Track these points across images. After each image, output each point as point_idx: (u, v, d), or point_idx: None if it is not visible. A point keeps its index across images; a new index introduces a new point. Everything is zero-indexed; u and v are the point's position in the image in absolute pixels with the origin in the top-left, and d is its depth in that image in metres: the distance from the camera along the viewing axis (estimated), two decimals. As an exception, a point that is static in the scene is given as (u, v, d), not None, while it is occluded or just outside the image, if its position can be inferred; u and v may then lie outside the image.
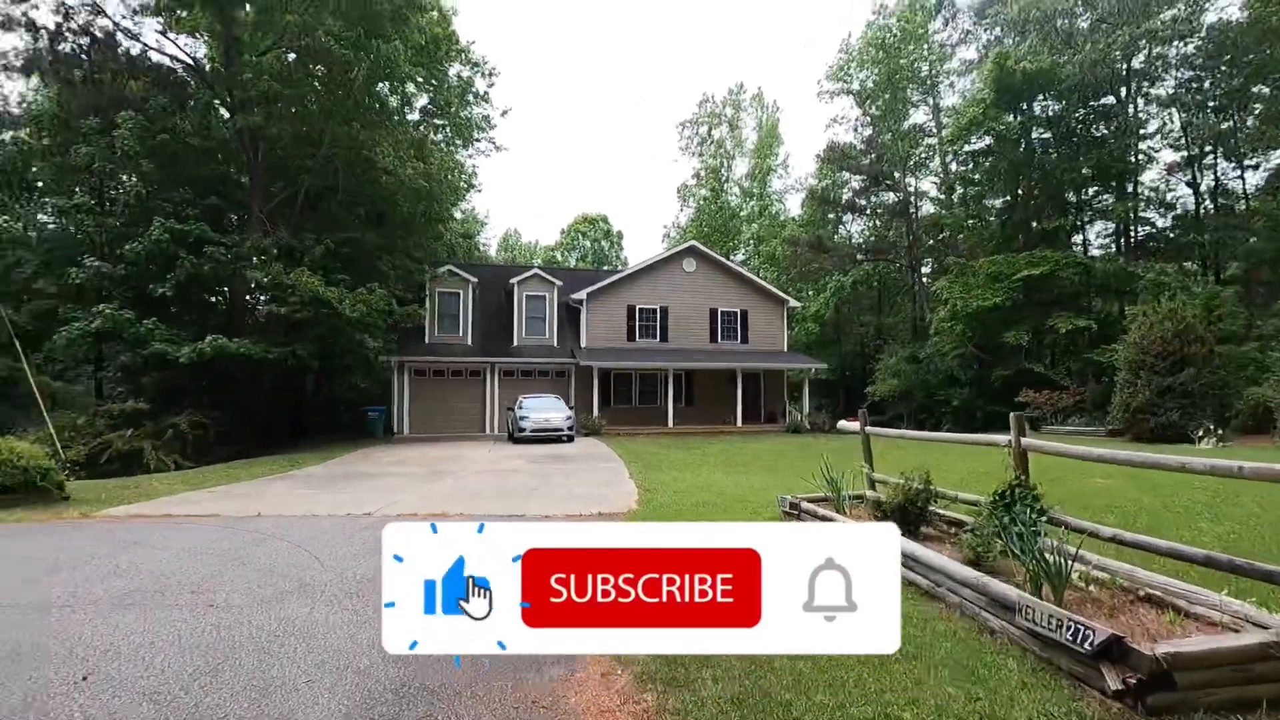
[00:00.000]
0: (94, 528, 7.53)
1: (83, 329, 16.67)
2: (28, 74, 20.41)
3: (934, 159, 37.36)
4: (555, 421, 19.81)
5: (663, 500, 9.22)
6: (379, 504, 8.90)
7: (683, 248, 28.76)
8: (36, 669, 3.56)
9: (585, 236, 63.02)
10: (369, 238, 21.24)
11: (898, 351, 32.03)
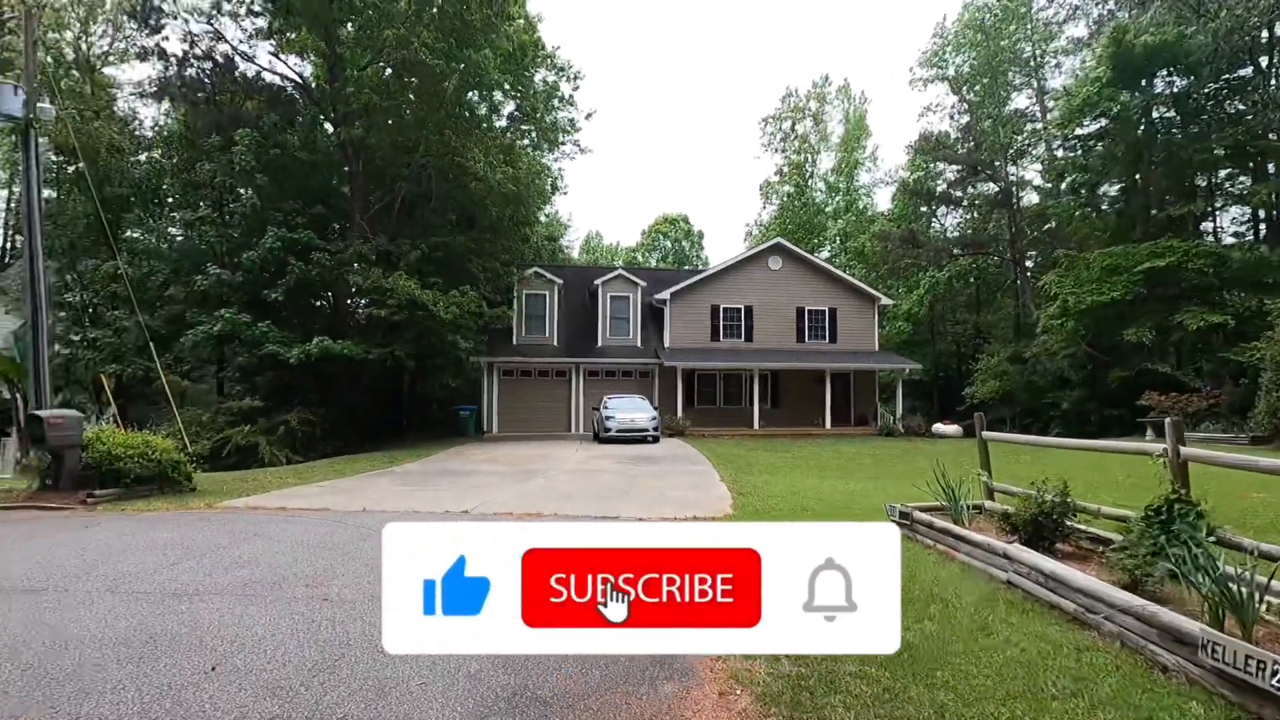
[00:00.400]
0: (217, 518, 7.98)
1: (206, 332, 17.99)
2: (159, 99, 22.28)
3: (1038, 145, 34.99)
4: (640, 422, 19.75)
5: (758, 505, 8.91)
6: (474, 502, 9.04)
7: (768, 245, 28.13)
8: (171, 657, 3.69)
9: (666, 237, 62.96)
10: (460, 241, 21.92)
11: (999, 351, 30.13)
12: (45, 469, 9.36)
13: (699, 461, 14.92)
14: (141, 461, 9.51)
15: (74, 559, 5.94)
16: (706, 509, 8.57)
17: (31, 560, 5.91)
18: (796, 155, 53.21)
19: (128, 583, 5.16)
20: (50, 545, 6.53)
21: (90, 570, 5.54)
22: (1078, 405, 25.92)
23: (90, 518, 8.01)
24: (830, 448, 19.34)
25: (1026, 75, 35.55)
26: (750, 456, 16.27)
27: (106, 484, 9.34)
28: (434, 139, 20.35)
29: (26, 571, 5.51)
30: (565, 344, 26.25)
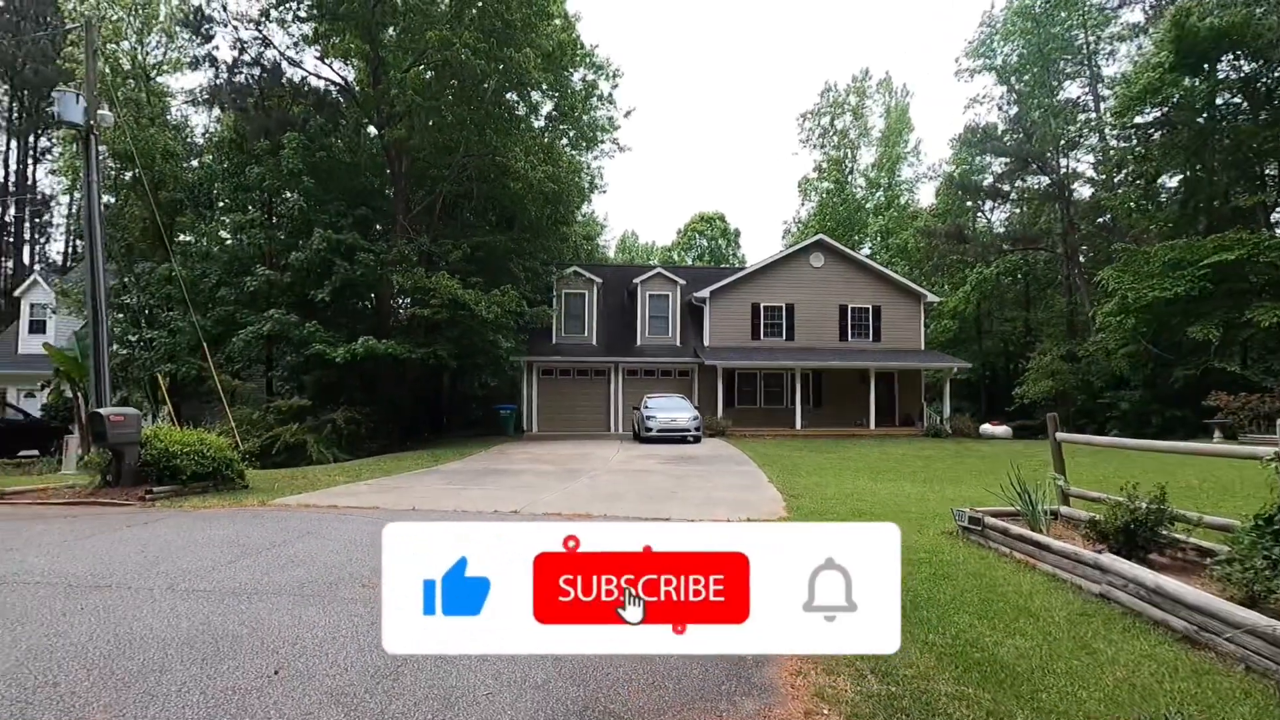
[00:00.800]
0: (270, 516, 8.03)
1: (255, 332, 18.36)
2: (211, 106, 22.88)
3: (1090, 136, 33.69)
4: (682, 422, 19.54)
5: (811, 507, 8.62)
6: (522, 501, 8.95)
7: (809, 242, 27.66)
8: (234, 659, 3.62)
9: (702, 235, 62.52)
10: (500, 241, 22.00)
11: (1051, 350, 29.05)
12: (106, 466, 9.58)
13: (744, 462, 14.64)
14: (197, 459, 9.67)
15: (135, 555, 5.99)
16: (758, 511, 8.32)
17: (96, 556, 5.98)
18: (836, 151, 52.35)
19: (188, 580, 5.16)
20: (113, 541, 6.62)
21: (151, 567, 5.57)
22: (1138, 406, 24.81)
23: (149, 514, 8.14)
24: (876, 449, 18.84)
25: (1078, 64, 34.25)
26: (795, 457, 15.92)
27: (163, 481, 9.52)
28: (474, 139, 20.44)
29: (91, 568, 5.56)
30: (604, 343, 26.18)
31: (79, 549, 6.30)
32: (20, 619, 4.29)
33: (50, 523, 7.65)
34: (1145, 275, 23.61)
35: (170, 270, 18.84)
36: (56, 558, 5.93)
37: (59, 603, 4.64)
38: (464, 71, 18.65)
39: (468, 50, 17.90)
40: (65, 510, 8.53)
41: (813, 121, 53.42)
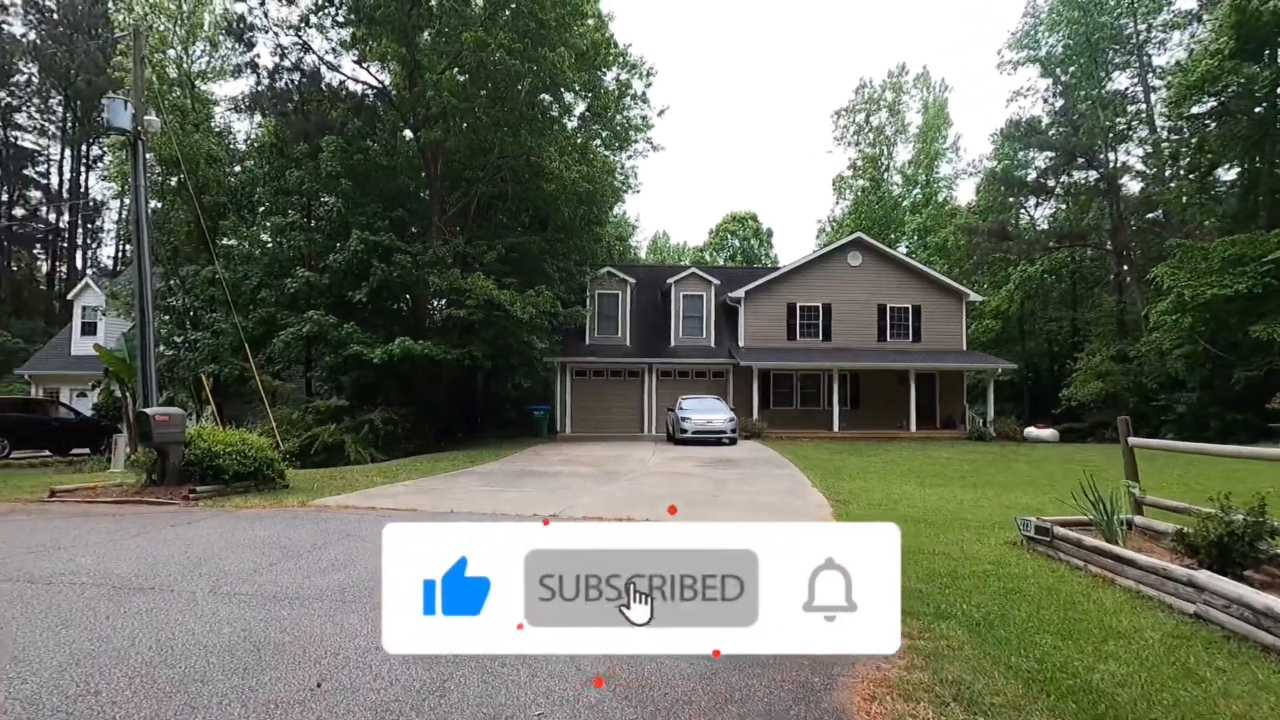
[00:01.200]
0: (310, 517, 8.00)
1: (295, 333, 18.60)
2: (252, 111, 23.31)
3: (1140, 128, 32.41)
4: (717, 423, 19.24)
5: (860, 513, 8.28)
6: (560, 505, 8.78)
7: (847, 240, 27.11)
8: (276, 669, 3.49)
9: (734, 235, 61.99)
10: (534, 242, 21.96)
11: (1100, 350, 27.99)
12: (152, 465, 9.69)
13: (783, 465, 14.30)
14: (239, 459, 9.73)
15: (179, 556, 5.97)
16: (805, 517, 8.02)
17: (140, 557, 5.97)
18: (871, 148, 51.46)
19: (229, 583, 5.09)
20: (157, 541, 6.62)
21: (194, 569, 5.52)
22: (1195, 409, 23.73)
23: (192, 513, 8.18)
24: (919, 452, 18.30)
25: (1127, 54, 32.98)
26: (835, 460, 15.51)
27: (206, 480, 9.59)
28: (509, 140, 20.43)
29: (135, 569, 5.54)
30: (638, 344, 26.00)
31: (124, 549, 6.30)
32: (66, 621, 4.24)
33: (98, 521, 7.72)
34: (1203, 272, 22.56)
35: (214, 272, 19.20)
36: (103, 557, 5.93)
37: (104, 605, 4.59)
38: (499, 72, 18.64)
39: (503, 50, 17.89)
40: (113, 509, 8.63)
41: (847, 118, 52.60)
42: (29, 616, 4.32)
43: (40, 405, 21.05)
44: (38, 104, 44.68)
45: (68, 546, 6.40)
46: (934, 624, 4.11)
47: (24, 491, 10.25)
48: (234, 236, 22.68)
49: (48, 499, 9.32)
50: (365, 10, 19.68)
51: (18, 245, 46.05)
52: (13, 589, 4.96)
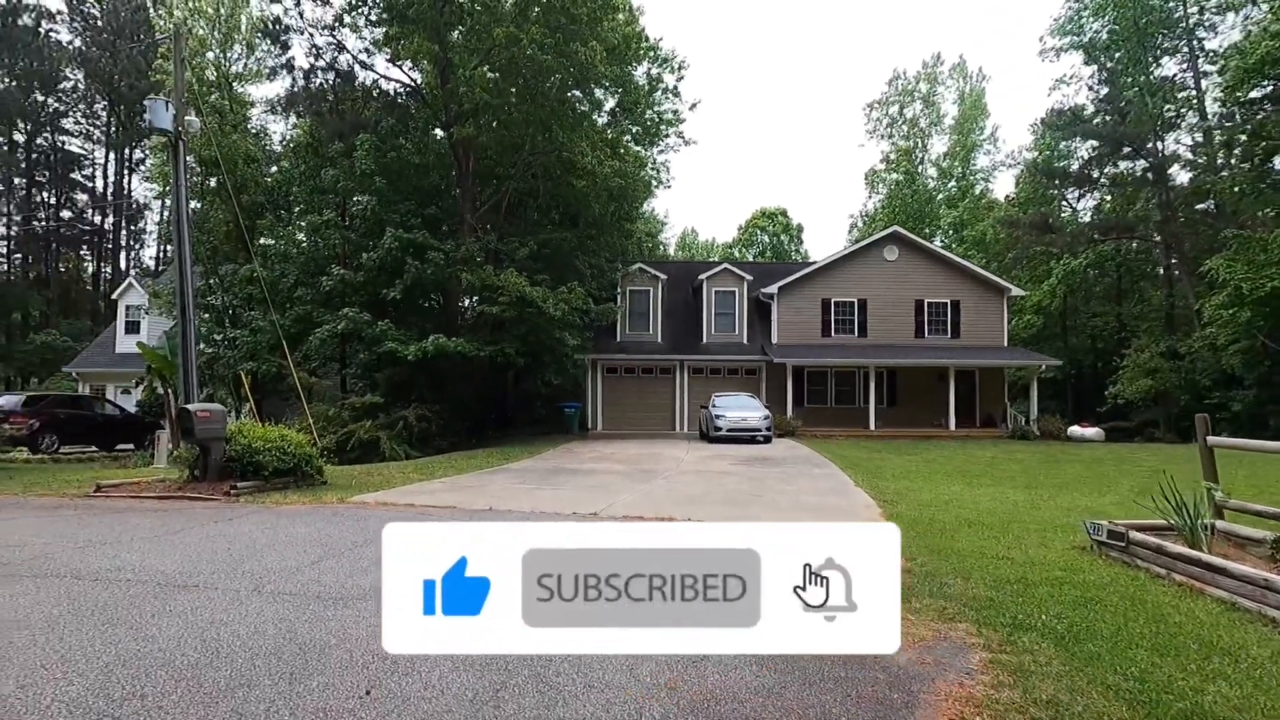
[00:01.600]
0: (350, 514, 7.94)
1: (330, 330, 18.76)
2: (288, 110, 23.61)
3: (1189, 115, 31.12)
4: (752, 421, 18.93)
5: (910, 514, 7.94)
6: (600, 503, 8.61)
7: (883, 234, 26.52)
8: (323, 674, 3.36)
9: (764, 231, 61.29)
10: (566, 238, 21.86)
11: (1149, 346, 26.97)
12: (194, 461, 9.76)
13: (822, 464, 13.96)
14: (278, 455, 9.75)
15: (221, 553, 5.92)
16: (852, 518, 7.72)
17: (184, 553, 5.94)
18: (905, 141, 50.48)
19: (272, 582, 5.01)
20: (200, 538, 6.60)
21: (236, 566, 5.46)
22: (1252, 407, 22.74)
23: (234, 510, 8.18)
24: (960, 451, 17.78)
25: (1176, 38, 31.69)
26: (876, 460, 15.11)
27: (247, 476, 9.62)
28: (540, 136, 20.36)
29: (179, 566, 5.49)
30: (669, 341, 25.78)
31: (168, 545, 6.29)
32: (112, 620, 4.17)
33: (143, 516, 7.76)
34: (1262, 264, 21.56)
35: (252, 271, 19.46)
36: (147, 554, 5.91)
37: (149, 603, 4.53)
38: (530, 68, 18.55)
39: (534, 46, 17.77)
40: (156, 504, 8.69)
41: (880, 111, 51.68)
42: (76, 614, 4.27)
43: (87, 402, 21.58)
44: (83, 109, 46.01)
45: (113, 542, 6.41)
46: (1014, 636, 3.83)
47: (71, 486, 10.41)
48: (270, 236, 23.00)
49: (94, 494, 9.44)
50: (398, 8, 19.73)
51: (65, 247, 47.50)
52: (60, 586, 4.94)
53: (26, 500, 9.11)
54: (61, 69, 43.12)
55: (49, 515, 8.00)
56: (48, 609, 4.38)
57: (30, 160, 43.41)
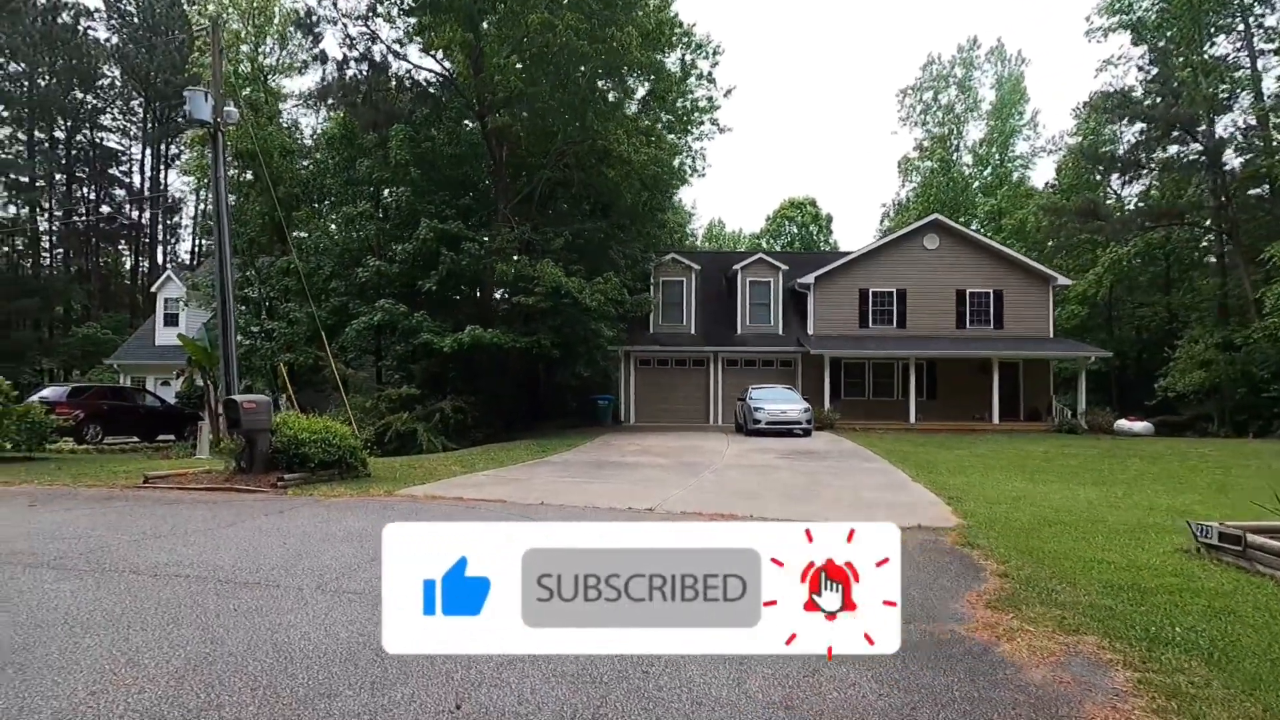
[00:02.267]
0: (401, 507, 7.77)
1: (366, 322, 18.72)
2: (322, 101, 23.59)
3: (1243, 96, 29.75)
4: (792, 414, 18.54)
5: (982, 512, 7.52)
6: (653, 498, 8.33)
7: (924, 222, 25.84)
8: (406, 685, 3.12)
9: (792, 221, 60.35)
10: (600, 228, 21.55)
11: (1202, 337, 25.94)
12: (240, 452, 9.68)
13: (870, 458, 13.55)
14: (324, 447, 9.63)
15: (277, 548, 5.76)
16: (923, 516, 7.32)
17: (240, 548, 5.79)
18: (939, 127, 49.20)
19: (334, 579, 4.81)
20: (253, 531, 6.46)
21: (295, 563, 5.28)
22: (1316, 400, 21.75)
23: (283, 502, 8.06)
24: (1010, 446, 17.17)
25: (1230, 15, 30.29)
26: (924, 454, 14.62)
27: (293, 468, 9.52)
28: (574, 125, 20.06)
29: (237, 560, 5.33)
30: (703, 332, 25.40)
31: (223, 539, 6.15)
32: (175, 619, 3.99)
33: (193, 509, 7.66)
34: (1328, 250, 20.56)
35: (289, 263, 19.49)
36: (203, 548, 5.77)
37: (210, 600, 4.35)
38: (565, 53, 18.23)
39: (570, 31, 17.44)
40: (205, 496, 8.61)
41: (913, 97, 50.46)
42: (140, 613, 4.10)
43: (130, 393, 21.88)
44: (120, 105, 46.77)
45: (167, 535, 6.29)
46: (1154, 652, 3.46)
47: (119, 477, 10.41)
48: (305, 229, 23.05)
49: (143, 485, 9.41)
50: (430, -2, 19.53)
51: (104, 242, 48.45)
52: (120, 581, 4.79)
53: (78, 491, 9.09)
54: (99, 66, 43.82)
55: (101, 506, 7.95)
56: (110, 606, 4.22)
57: (70, 156, 44.27)
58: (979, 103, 47.93)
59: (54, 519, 7.15)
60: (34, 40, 39.96)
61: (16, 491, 9.13)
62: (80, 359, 35.75)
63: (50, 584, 4.70)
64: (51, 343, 38.87)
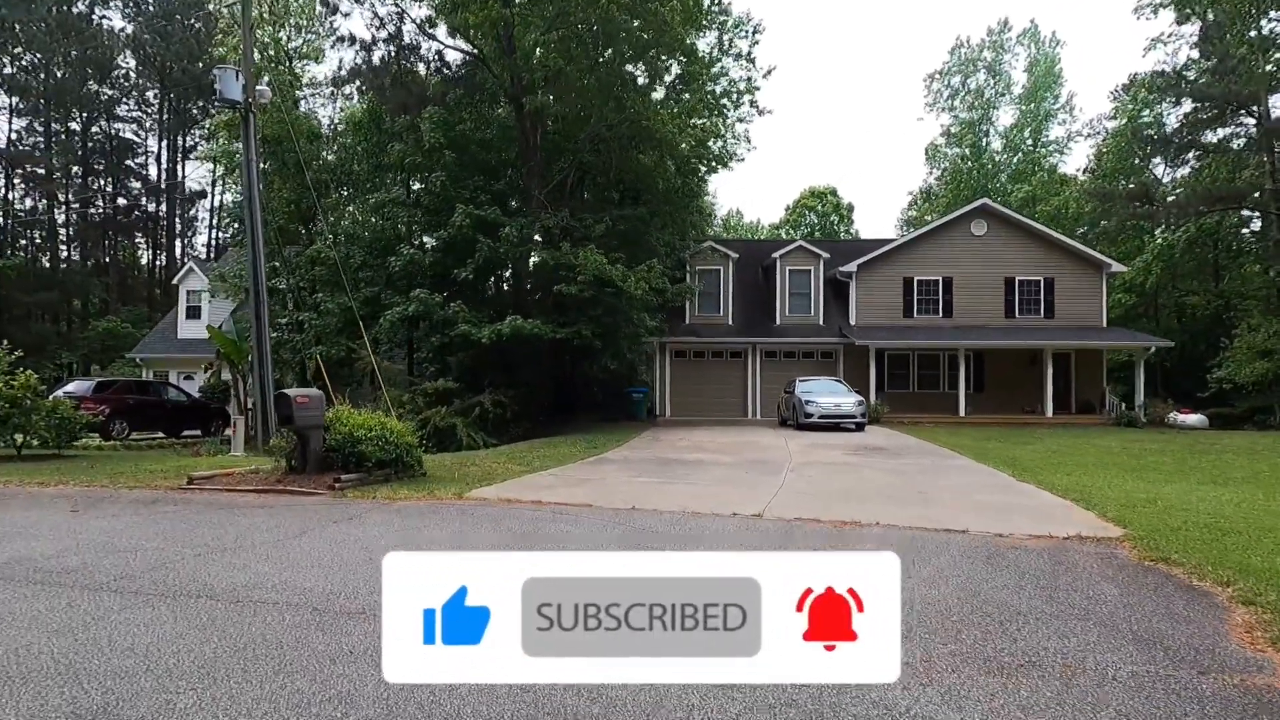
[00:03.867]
0: (479, 512, 7.03)
1: (401, 313, 18.00)
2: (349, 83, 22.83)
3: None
4: (846, 407, 17.73)
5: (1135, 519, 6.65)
6: (757, 502, 7.51)
7: (970, 208, 24.90)
8: None
9: (812, 211, 59.22)
10: (640, 214, 20.69)
11: (1264, 325, 24.87)
12: (292, 450, 8.97)
13: (948, 455, 12.72)
14: (380, 445, 8.90)
15: (364, 564, 5.00)
16: (1068, 523, 6.47)
17: (321, 564, 5.05)
18: (968, 113, 47.95)
19: (450, 607, 4.04)
20: (327, 542, 5.72)
21: (394, 584, 4.51)
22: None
23: (346, 506, 7.33)
24: (1077, 439, 16.29)
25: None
26: (999, 449, 13.74)
27: (349, 468, 8.80)
28: (609, 107, 19.20)
29: (326, 582, 4.58)
30: (740, 322, 24.59)
31: (297, 552, 5.40)
32: (284, 665, 3.22)
33: (251, 515, 6.95)
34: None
35: (319, 252, 18.80)
36: (280, 565, 5.03)
37: (315, 637, 3.59)
38: (606, 28, 17.38)
39: (614, 4, 16.56)
40: (258, 500, 7.90)
41: (941, 82, 49.30)
42: (237, 655, 3.34)
43: (155, 387, 21.29)
44: (136, 96, 46.22)
45: (233, 548, 5.56)
46: None
47: (159, 477, 9.74)
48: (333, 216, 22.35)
49: (187, 486, 8.71)
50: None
51: (121, 235, 48.03)
52: (198, 609, 4.05)
53: (118, 493, 8.41)
54: (114, 56, 43.26)
55: (148, 511, 7.25)
56: (197, 647, 3.46)
57: (86, 148, 43.79)
58: (1010, 86, 46.63)
59: (101, 527, 6.46)
60: (49, 29, 39.41)
61: (54, 493, 8.47)
62: (100, 353, 35.35)
63: (117, 613, 3.97)
64: (71, 336, 38.49)
